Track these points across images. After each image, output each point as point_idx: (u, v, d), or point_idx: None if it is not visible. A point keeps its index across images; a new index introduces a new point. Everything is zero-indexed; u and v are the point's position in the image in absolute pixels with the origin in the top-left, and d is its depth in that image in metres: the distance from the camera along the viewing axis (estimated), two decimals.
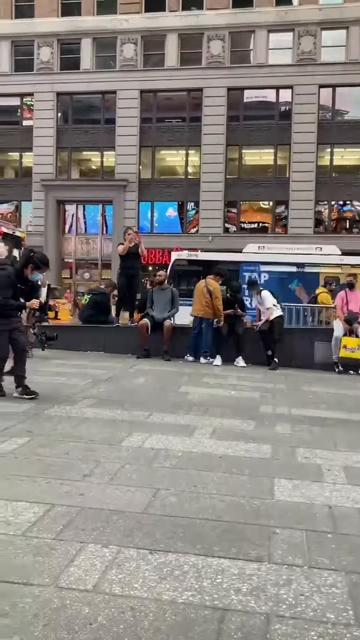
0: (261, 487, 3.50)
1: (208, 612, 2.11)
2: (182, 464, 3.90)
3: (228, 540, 2.73)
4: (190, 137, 29.65)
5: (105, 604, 2.12)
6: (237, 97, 29.25)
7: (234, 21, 28.54)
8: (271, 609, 2.15)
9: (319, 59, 28.21)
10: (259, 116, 29.57)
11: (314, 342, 10.31)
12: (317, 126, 28.33)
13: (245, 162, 30.27)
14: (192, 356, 10.10)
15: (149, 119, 30.06)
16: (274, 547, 2.69)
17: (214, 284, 10.10)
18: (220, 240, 28.80)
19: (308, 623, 2.07)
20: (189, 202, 30.18)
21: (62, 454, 3.98)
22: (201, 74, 28.88)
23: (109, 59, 30.20)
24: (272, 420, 5.47)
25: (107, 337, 10.61)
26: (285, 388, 7.78)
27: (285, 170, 29.32)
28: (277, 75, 28.25)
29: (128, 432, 4.65)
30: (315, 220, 28.80)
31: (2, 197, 31.88)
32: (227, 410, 5.83)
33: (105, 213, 31.00)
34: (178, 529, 2.82)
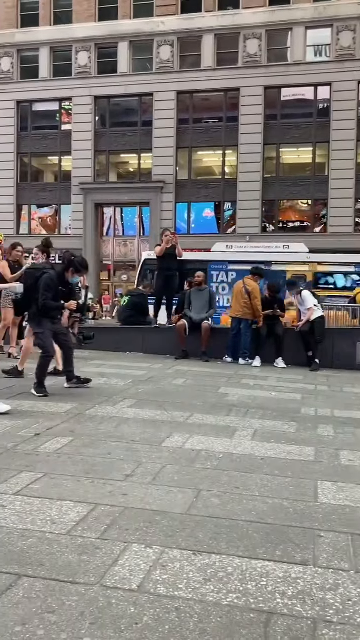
0: (305, 490, 3.46)
1: (254, 615, 2.09)
2: (223, 465, 3.88)
3: (272, 543, 2.70)
4: (227, 137, 29.58)
5: (151, 604, 2.13)
6: (274, 96, 29.03)
7: (270, 19, 28.34)
8: (318, 614, 2.12)
9: (359, 55, 27.73)
10: (296, 114, 29.29)
11: (356, 343, 10.12)
12: (357, 123, 27.86)
13: (283, 161, 30.01)
14: (230, 357, 10.06)
15: (185, 120, 30.12)
16: (319, 550, 2.65)
17: (252, 284, 10.04)
18: (258, 239, 28.60)
19: (357, 629, 2.03)
20: (226, 202, 30.11)
21: (105, 454, 4.02)
22: (238, 73, 28.78)
23: (146, 62, 30.41)
24: (314, 422, 5.40)
25: (146, 338, 10.67)
26: (327, 389, 7.67)
27: (324, 168, 28.95)
28: (315, 73, 27.92)
29: (169, 432, 4.66)
30: (356, 219, 28.31)
31: (43, 201, 32.50)
32: (268, 411, 5.78)
33: (143, 215, 31.21)
34: (221, 531, 2.81)
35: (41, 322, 6.29)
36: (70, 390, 6.47)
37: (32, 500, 3.09)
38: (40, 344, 6.33)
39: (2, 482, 3.36)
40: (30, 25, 31.37)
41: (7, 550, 2.51)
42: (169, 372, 8.41)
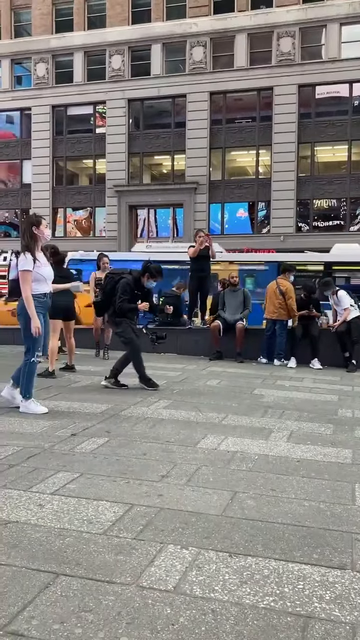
0: (342, 493, 3.41)
1: (291, 618, 2.07)
2: (259, 467, 3.86)
3: (309, 546, 2.67)
4: (260, 137, 29.41)
5: (187, 605, 2.13)
6: (308, 94, 28.72)
7: (304, 17, 28.06)
8: (356, 619, 2.08)
9: None
10: (331, 112, 28.91)
11: None
12: None
13: (317, 160, 29.65)
14: (265, 358, 9.99)
15: (218, 120, 30.07)
16: (358, 554, 2.60)
17: (286, 284, 9.95)
18: (292, 239, 28.36)
19: None
20: (259, 202, 29.92)
21: (140, 454, 4.04)
22: (271, 72, 28.58)
23: (179, 63, 30.48)
24: (351, 425, 5.31)
25: (180, 339, 10.68)
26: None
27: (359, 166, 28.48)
28: (350, 69, 27.50)
29: (203, 433, 4.66)
30: None
31: (78, 203, 32.89)
32: (303, 413, 5.72)
33: (176, 216, 31.27)
34: (257, 533, 2.79)
35: (119, 322, 6.79)
36: (106, 391, 6.53)
37: (68, 500, 3.13)
38: (124, 341, 6.79)
39: (40, 481, 3.41)
40: (65, 31, 31.81)
41: (45, 549, 2.55)
42: (203, 373, 8.40)
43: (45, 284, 5.43)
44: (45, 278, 5.41)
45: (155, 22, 30.32)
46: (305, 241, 28.21)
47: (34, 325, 5.20)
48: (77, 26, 31.66)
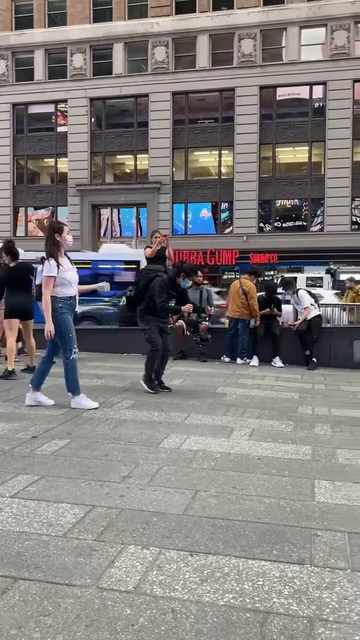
0: (302, 489, 3.46)
1: (250, 614, 2.09)
2: (220, 465, 3.88)
3: (269, 543, 2.70)
4: (223, 138, 29.59)
5: (147, 605, 2.13)
6: (269, 96, 29.04)
7: (265, 19, 28.36)
8: (314, 613, 2.12)
9: (353, 54, 27.76)
10: (292, 113, 29.30)
11: (353, 341, 10.13)
12: (352, 121, 27.86)
13: (279, 160, 30.02)
14: (228, 357, 10.06)
15: (181, 120, 30.12)
16: (316, 549, 2.65)
17: (248, 284, 10.04)
18: (255, 239, 28.65)
19: (353, 627, 2.03)
20: (222, 202, 30.11)
21: (102, 455, 4.01)
22: (233, 73, 28.79)
23: (141, 63, 30.41)
24: (311, 422, 5.40)
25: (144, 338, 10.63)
26: (325, 388, 7.67)
27: (320, 168, 28.95)
28: (310, 72, 27.94)
29: (166, 433, 4.66)
30: (352, 218, 28.35)
31: (39, 203, 32.47)
32: (265, 411, 5.79)
33: (140, 216, 31.20)
34: (218, 531, 2.81)
35: (148, 319, 6.75)
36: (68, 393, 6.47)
37: (28, 503, 3.09)
38: (148, 339, 6.77)
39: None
40: (25, 28, 31.35)
41: (3, 553, 2.51)
42: (167, 372, 8.37)
43: (71, 287, 5.67)
44: (70, 282, 5.63)
45: (116, 21, 30.16)
46: (267, 241, 28.57)
47: (48, 328, 5.43)
48: (37, 23, 31.24)
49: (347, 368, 9.69)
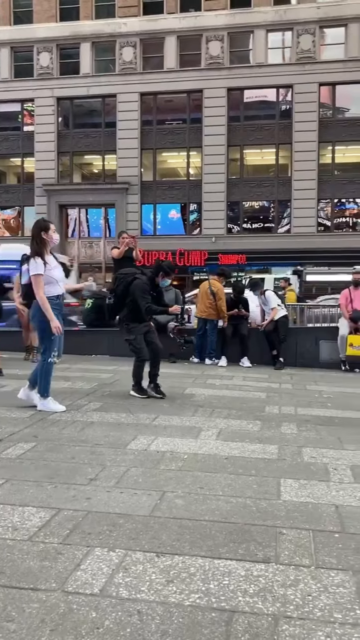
0: (268, 488, 3.50)
1: (215, 614, 2.11)
2: (188, 466, 3.90)
3: (235, 542, 2.72)
4: (191, 139, 29.68)
5: (112, 607, 2.12)
6: (237, 98, 29.25)
7: (232, 22, 28.56)
8: (278, 610, 2.15)
9: (319, 57, 28.19)
10: (259, 116, 29.58)
11: (319, 341, 10.28)
12: (318, 124, 28.29)
13: (247, 162, 30.27)
14: (197, 358, 10.10)
15: (149, 121, 30.10)
16: (281, 547, 2.68)
17: (217, 285, 10.09)
18: (223, 240, 28.81)
19: (315, 623, 2.07)
20: (191, 203, 30.20)
21: (68, 458, 3.98)
22: (201, 75, 28.91)
23: (109, 63, 30.29)
24: (278, 421, 5.46)
25: (112, 340, 10.61)
26: (291, 387, 7.77)
27: (287, 170, 29.30)
28: (277, 75, 28.25)
29: (133, 435, 4.65)
30: (318, 219, 28.79)
31: (5, 202, 32.04)
32: (233, 411, 5.82)
33: (108, 216, 31.06)
34: (185, 531, 2.82)
35: (132, 329, 6.48)
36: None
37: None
38: (134, 350, 6.53)
39: None
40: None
41: None
42: None
43: (57, 286, 5.60)
44: (56, 280, 5.56)
45: (84, 20, 29.97)
46: (236, 242, 28.77)
47: (54, 325, 5.36)
48: (2, 20, 30.81)
49: (313, 367, 9.84)
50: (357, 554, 2.63)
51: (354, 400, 6.90)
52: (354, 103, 28.81)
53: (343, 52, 28.02)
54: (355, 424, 5.45)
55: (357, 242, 27.36)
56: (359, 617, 2.12)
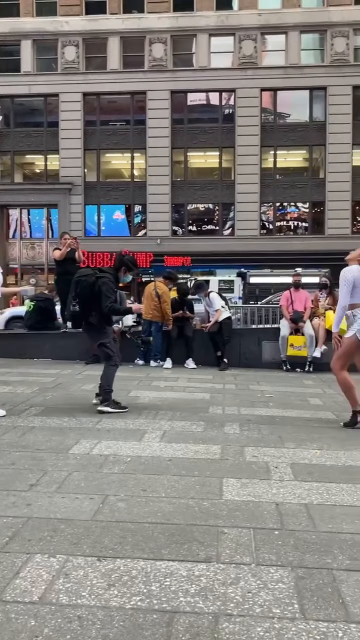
0: (210, 488, 3.53)
1: (156, 615, 2.11)
2: (131, 468, 3.89)
3: (177, 543, 2.74)
4: (135, 140, 29.64)
5: (52, 615, 2.09)
6: (180, 100, 29.43)
7: (175, 25, 28.72)
8: (219, 608, 2.18)
9: (260, 63, 28.74)
10: (203, 119, 29.87)
11: (262, 342, 10.47)
12: (260, 129, 28.83)
13: (191, 165, 30.49)
14: (142, 360, 10.08)
15: (92, 121, 29.85)
16: (223, 547, 2.72)
17: (163, 288, 10.11)
18: (168, 242, 28.91)
19: (255, 620, 2.11)
20: (136, 204, 30.15)
21: (8, 464, 3.90)
22: (144, 77, 28.92)
23: (51, 61, 29.85)
24: (221, 421, 5.52)
25: (54, 343, 10.45)
26: (235, 388, 7.87)
27: (230, 173, 29.70)
28: (220, 79, 28.60)
29: (76, 439, 4.60)
30: (261, 222, 29.32)
31: None
32: (177, 412, 5.85)
33: (51, 217, 30.58)
34: (127, 534, 2.81)
35: (106, 330, 6.06)
36: None
37: None
38: (108, 355, 6.00)
39: None
40: None
41: None
42: (79, 377, 8.29)
43: None
44: None
45: (24, 17, 29.42)
46: (181, 244, 28.93)
47: None
48: None
49: (256, 367, 10.00)
50: (296, 550, 2.70)
51: (295, 400, 7.06)
52: (295, 109, 29.56)
53: (284, 59, 28.68)
54: (296, 423, 5.58)
55: (298, 244, 28.08)
56: (296, 611, 2.17)
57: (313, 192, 29.15)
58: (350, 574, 2.47)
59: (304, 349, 9.80)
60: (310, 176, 29.60)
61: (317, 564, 2.55)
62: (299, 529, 2.93)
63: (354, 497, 3.43)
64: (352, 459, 4.26)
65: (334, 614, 2.15)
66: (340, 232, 28.17)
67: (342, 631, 2.04)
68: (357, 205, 28.96)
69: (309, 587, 2.35)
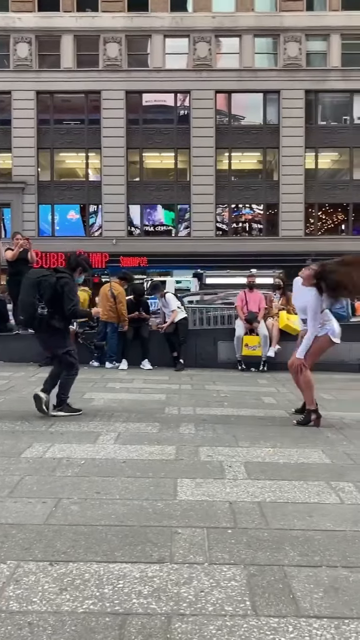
0: (164, 489, 3.54)
1: (109, 618, 2.10)
2: (84, 471, 3.85)
3: (130, 545, 2.73)
4: (90, 140, 29.38)
5: (1, 622, 2.05)
6: (136, 101, 29.35)
7: (130, 25, 28.63)
8: (172, 609, 2.18)
9: (215, 65, 28.95)
10: (158, 120, 29.88)
11: (218, 342, 10.55)
12: (215, 130, 29.04)
13: (146, 165, 30.44)
14: (97, 361, 10.01)
15: (46, 120, 29.44)
16: (176, 547, 2.72)
17: (118, 288, 10.06)
18: (124, 243, 28.79)
19: (207, 618, 2.12)
20: (91, 204, 29.90)
21: None
22: (99, 76, 28.71)
23: (3, 58, 29.28)
24: (177, 421, 5.54)
25: (6, 345, 10.26)
26: (191, 388, 7.91)
27: (186, 174, 29.80)
28: (175, 80, 28.67)
29: (29, 443, 4.53)
30: (217, 224, 29.54)
31: None
32: (132, 414, 5.83)
33: (3, 216, 30.00)
34: (80, 538, 2.79)
35: (67, 335, 5.85)
36: None
37: None
38: (70, 362, 5.72)
39: None
40: None
41: None
42: (32, 379, 8.16)
43: None
44: None
45: None
46: (137, 245, 28.86)
47: None
48: None
49: (212, 367, 10.07)
50: (249, 547, 2.73)
51: (249, 399, 7.15)
52: (249, 112, 29.93)
53: (238, 62, 28.98)
54: (250, 422, 5.65)
55: (253, 246, 28.41)
56: (248, 608, 2.20)
57: (267, 194, 29.57)
58: (301, 569, 2.52)
59: (258, 348, 9.93)
60: (265, 178, 30.02)
61: (269, 561, 2.59)
62: (251, 527, 2.97)
63: (305, 494, 3.50)
64: (304, 457, 4.35)
65: (285, 609, 2.19)
66: (293, 233, 28.70)
67: (292, 626, 2.08)
68: (310, 208, 29.54)
69: (261, 584, 2.38)
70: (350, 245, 26.37)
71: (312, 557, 2.63)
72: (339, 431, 5.26)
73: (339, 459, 4.29)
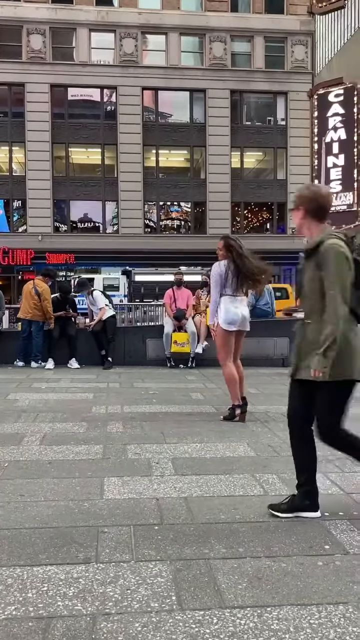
0: (91, 488, 3.50)
1: (32, 623, 2.06)
2: (8, 474, 3.76)
3: (55, 546, 2.69)
4: (13, 133, 28.58)
5: None
6: (61, 94, 28.81)
7: (54, 16, 28.05)
8: (97, 609, 2.17)
9: (141, 62, 28.88)
10: (85, 115, 29.47)
11: (146, 340, 10.55)
12: (142, 127, 28.99)
13: (73, 161, 29.96)
14: (22, 361, 9.77)
15: None
16: (102, 546, 2.71)
17: (42, 285, 9.85)
18: (50, 239, 28.23)
19: (133, 616, 2.12)
20: (15, 199, 29.10)
21: None
22: (22, 68, 27.97)
23: None
24: (104, 420, 5.49)
25: None
26: (119, 386, 7.87)
27: (113, 170, 29.57)
28: (101, 75, 28.39)
29: None
30: (145, 221, 29.51)
31: None
32: (58, 414, 5.74)
33: None
34: (3, 542, 2.72)
35: None
36: None
37: None
38: None
39: None
40: None
41: None
42: None
43: None
44: None
45: None
46: (64, 241, 28.36)
47: None
48: None
49: (141, 365, 10.07)
50: (175, 543, 2.75)
51: (177, 395, 7.20)
52: (176, 109, 30.08)
53: (164, 60, 29.04)
54: (178, 418, 5.69)
55: (181, 243, 28.62)
56: (174, 602, 2.22)
57: (195, 192, 29.85)
58: (226, 562, 2.57)
59: (187, 345, 10.02)
60: (192, 176, 30.28)
61: (194, 555, 2.62)
62: (178, 523, 3.00)
63: (230, 487, 3.57)
64: (229, 450, 4.43)
65: (210, 602, 2.23)
66: (221, 231, 28.99)
67: (216, 617, 2.12)
68: (236, 206, 30.08)
69: (187, 578, 2.41)
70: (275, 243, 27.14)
71: (237, 549, 2.69)
72: (263, 424, 5.39)
73: (263, 451, 4.40)
